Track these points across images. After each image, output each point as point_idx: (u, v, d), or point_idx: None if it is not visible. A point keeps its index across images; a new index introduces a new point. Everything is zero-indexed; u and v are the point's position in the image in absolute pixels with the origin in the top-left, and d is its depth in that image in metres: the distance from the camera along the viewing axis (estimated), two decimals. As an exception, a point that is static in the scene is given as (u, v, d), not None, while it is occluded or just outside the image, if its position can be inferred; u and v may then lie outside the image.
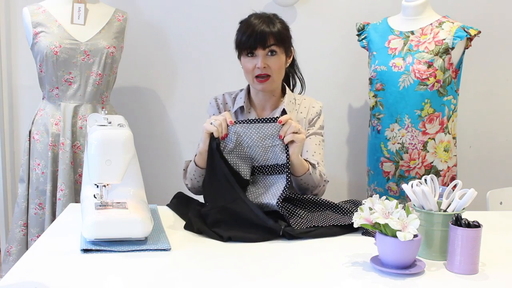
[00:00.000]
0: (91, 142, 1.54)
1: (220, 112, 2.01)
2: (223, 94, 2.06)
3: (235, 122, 1.74)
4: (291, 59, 2.00)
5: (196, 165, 1.84)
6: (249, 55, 1.90)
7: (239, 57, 1.96)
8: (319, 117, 2.03)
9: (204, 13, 2.93)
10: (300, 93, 2.13)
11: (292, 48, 1.99)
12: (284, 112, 1.97)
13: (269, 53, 1.89)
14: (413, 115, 2.36)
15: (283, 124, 1.73)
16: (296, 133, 1.73)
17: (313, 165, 1.87)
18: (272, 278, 1.35)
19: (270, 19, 1.91)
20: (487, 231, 1.47)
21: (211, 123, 1.73)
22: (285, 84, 2.04)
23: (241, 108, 1.99)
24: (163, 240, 1.55)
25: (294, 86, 2.14)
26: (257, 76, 1.90)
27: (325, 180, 1.92)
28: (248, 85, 2.02)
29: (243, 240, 1.58)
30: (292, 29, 2.00)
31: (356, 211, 1.45)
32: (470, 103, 2.96)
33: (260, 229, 1.61)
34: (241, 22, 1.95)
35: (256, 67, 1.88)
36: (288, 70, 2.06)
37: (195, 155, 1.85)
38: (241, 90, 2.05)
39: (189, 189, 1.93)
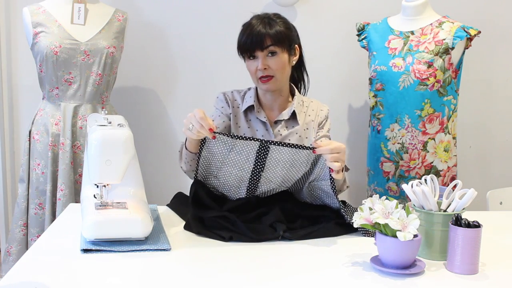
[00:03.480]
0: (91, 142, 1.54)
1: (229, 106, 1.99)
2: (232, 91, 2.05)
3: (219, 133, 1.69)
4: (297, 57, 1.99)
5: (187, 149, 1.81)
6: (251, 58, 1.90)
7: (243, 59, 1.96)
8: (327, 120, 2.04)
9: (204, 13, 2.93)
10: (302, 94, 2.13)
11: (297, 46, 1.98)
12: (294, 114, 1.97)
13: (269, 54, 1.88)
14: (413, 115, 2.36)
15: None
16: (335, 160, 1.65)
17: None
18: (272, 278, 1.35)
19: (269, 19, 1.90)
20: (487, 231, 1.47)
21: (189, 128, 1.65)
22: (292, 85, 2.03)
23: (250, 107, 1.99)
24: (163, 240, 1.55)
25: (304, 88, 2.13)
26: (260, 78, 1.90)
27: (347, 186, 1.89)
28: None
29: (243, 240, 1.58)
30: (293, 29, 2.00)
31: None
32: (470, 103, 2.96)
33: (259, 232, 1.62)
34: (243, 25, 1.95)
35: (258, 69, 1.89)
36: (295, 71, 2.05)
37: (186, 139, 1.82)
38: (249, 89, 2.05)
39: (185, 172, 1.90)
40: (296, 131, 1.98)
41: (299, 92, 2.09)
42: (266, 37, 1.86)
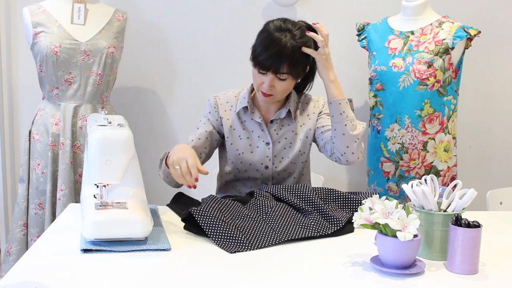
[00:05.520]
0: (91, 142, 1.54)
1: (216, 112, 2.00)
2: (224, 93, 2.04)
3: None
4: (303, 75, 1.94)
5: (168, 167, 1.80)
6: (260, 72, 1.85)
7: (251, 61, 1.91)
8: (325, 107, 2.04)
9: (204, 13, 2.93)
10: (303, 92, 2.12)
11: (309, 64, 1.92)
12: (289, 112, 1.97)
13: (279, 78, 1.84)
14: (413, 115, 2.36)
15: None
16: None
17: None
18: (272, 278, 1.35)
19: (293, 37, 1.81)
20: (487, 231, 1.47)
21: (175, 167, 1.66)
22: None
23: (245, 108, 1.98)
24: (163, 240, 1.55)
25: (309, 88, 2.09)
26: (262, 91, 1.89)
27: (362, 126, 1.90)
28: (252, 85, 2.01)
29: (246, 250, 1.55)
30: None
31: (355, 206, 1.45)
32: (470, 103, 2.96)
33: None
34: (264, 31, 1.86)
35: (262, 84, 1.86)
36: (307, 75, 2.00)
37: (166, 155, 1.83)
38: (243, 89, 2.04)
39: (163, 179, 1.91)
40: (292, 128, 1.99)
41: (302, 91, 2.07)
42: (284, 64, 1.81)
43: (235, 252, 1.51)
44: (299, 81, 1.93)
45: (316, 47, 1.85)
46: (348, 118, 1.86)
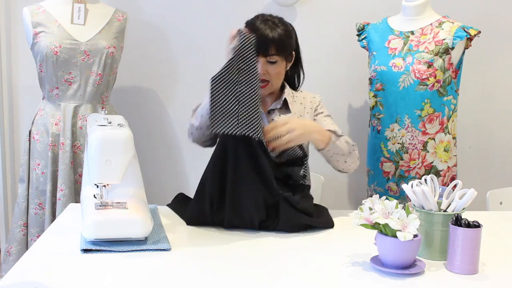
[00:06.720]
0: (91, 142, 1.54)
1: None
2: None
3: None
4: (291, 62, 2.02)
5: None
6: None
7: None
8: (320, 104, 2.08)
9: (204, 12, 2.94)
10: (295, 88, 2.15)
11: (293, 52, 2.00)
12: (285, 101, 2.01)
13: (270, 61, 1.92)
14: (413, 115, 2.36)
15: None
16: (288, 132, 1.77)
17: (335, 132, 1.90)
18: (271, 278, 1.35)
19: (274, 24, 1.92)
20: (487, 231, 1.47)
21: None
22: (284, 81, 2.05)
23: None
24: (163, 240, 1.56)
25: (299, 84, 2.15)
26: None
27: (353, 145, 1.94)
28: None
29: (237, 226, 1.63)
30: (292, 29, 2.00)
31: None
32: (470, 103, 2.96)
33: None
34: (247, 24, 1.96)
35: None
36: (291, 69, 2.07)
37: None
38: None
39: (192, 133, 1.92)
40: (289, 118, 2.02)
41: (295, 88, 2.12)
42: (271, 45, 1.89)
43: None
44: (288, 66, 1.99)
45: (297, 42, 2.00)
46: (338, 155, 1.90)
